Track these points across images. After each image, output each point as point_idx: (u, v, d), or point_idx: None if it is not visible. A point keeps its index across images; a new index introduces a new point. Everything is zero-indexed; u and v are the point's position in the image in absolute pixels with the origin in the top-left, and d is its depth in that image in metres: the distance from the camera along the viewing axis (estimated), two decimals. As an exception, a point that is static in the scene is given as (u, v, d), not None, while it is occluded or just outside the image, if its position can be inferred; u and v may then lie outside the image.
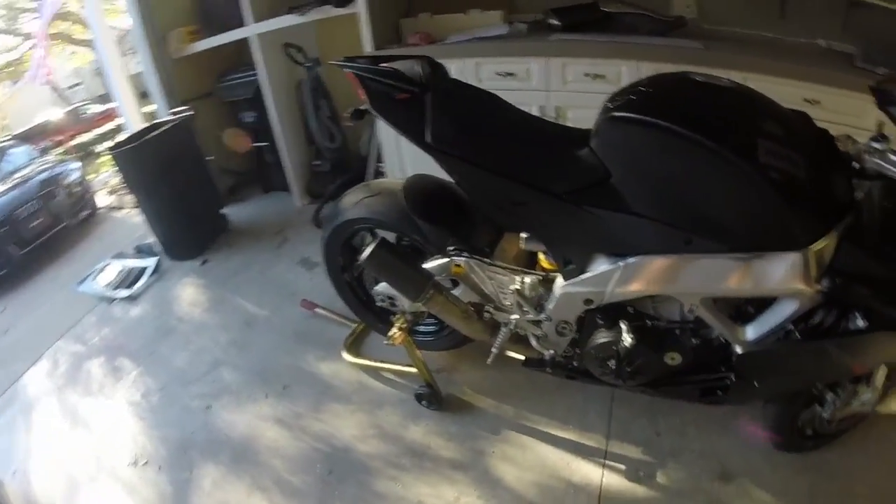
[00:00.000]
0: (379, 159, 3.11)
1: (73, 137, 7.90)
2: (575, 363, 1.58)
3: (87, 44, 9.30)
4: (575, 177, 1.25)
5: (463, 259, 1.55)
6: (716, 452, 1.62)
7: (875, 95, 1.19)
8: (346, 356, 2.08)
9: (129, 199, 3.45)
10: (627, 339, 1.32)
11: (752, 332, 1.28)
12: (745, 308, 1.32)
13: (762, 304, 1.27)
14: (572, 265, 1.36)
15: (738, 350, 1.29)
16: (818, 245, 1.11)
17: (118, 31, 5.43)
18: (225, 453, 1.82)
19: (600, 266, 1.32)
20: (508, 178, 1.30)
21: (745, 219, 1.15)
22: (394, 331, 1.72)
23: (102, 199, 4.65)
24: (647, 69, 2.23)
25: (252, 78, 3.01)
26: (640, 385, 1.48)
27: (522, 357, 1.68)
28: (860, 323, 1.16)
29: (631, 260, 1.26)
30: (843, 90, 2.09)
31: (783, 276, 1.14)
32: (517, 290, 1.49)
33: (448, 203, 1.64)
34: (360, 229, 1.86)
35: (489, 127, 1.39)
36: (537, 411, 1.82)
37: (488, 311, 1.61)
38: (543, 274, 1.51)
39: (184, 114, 2.89)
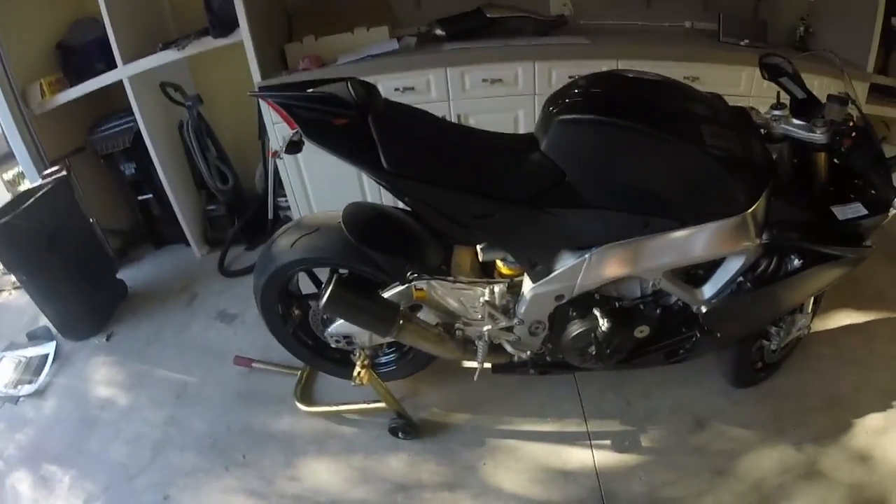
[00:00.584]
0: (276, 194, 2.99)
1: None
2: (548, 358, 1.64)
3: None
4: (533, 182, 1.31)
5: (424, 282, 1.51)
6: (684, 405, 1.79)
7: (764, 70, 1.49)
8: (302, 407, 1.93)
9: (9, 279, 2.92)
10: (604, 323, 1.42)
11: (709, 290, 1.45)
12: (696, 272, 1.49)
13: (710, 266, 1.45)
14: (539, 266, 1.41)
15: (702, 309, 1.45)
16: (755, 206, 1.28)
17: None
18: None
19: (567, 262, 1.38)
20: (471, 192, 1.31)
21: (695, 195, 1.29)
22: (357, 370, 1.64)
23: None
24: (542, 68, 2.37)
25: (129, 125, 2.69)
26: (616, 363, 1.56)
27: (489, 365, 1.69)
28: (796, 263, 1.38)
29: (595, 250, 1.34)
30: (715, 64, 2.39)
31: (732, 238, 1.32)
32: (487, 301, 1.50)
33: (392, 228, 1.60)
34: (297, 272, 1.74)
35: (439, 144, 1.38)
36: (512, 413, 1.84)
37: (459, 329, 1.59)
38: (508, 280, 1.52)
39: (57, 175, 2.51)
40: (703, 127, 1.26)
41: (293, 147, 1.36)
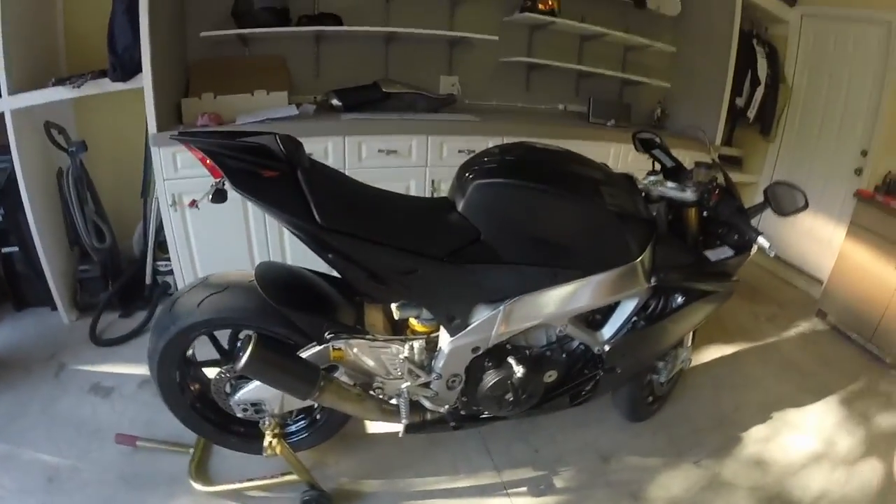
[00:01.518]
0: (157, 256, 2.82)
1: None
2: (462, 412, 1.71)
3: None
4: (452, 239, 1.41)
5: (343, 342, 1.51)
6: (588, 445, 1.97)
7: (638, 143, 1.86)
8: (199, 486, 1.76)
9: None
10: (518, 370, 1.55)
11: (608, 332, 1.66)
12: (594, 317, 1.69)
13: (606, 310, 1.67)
14: (457, 320, 1.49)
15: (605, 348, 1.64)
16: (644, 254, 1.52)
17: None
18: None
19: (483, 314, 1.48)
20: (397, 248, 1.37)
21: (596, 246, 1.49)
22: (269, 440, 1.59)
23: None
24: (434, 142, 2.59)
25: (1, 166, 2.41)
26: (527, 409, 1.69)
27: (398, 427, 1.69)
28: (679, 300, 1.66)
29: (509, 302, 1.47)
30: (587, 141, 2.81)
31: (627, 283, 1.54)
32: (407, 357, 1.55)
33: (305, 288, 1.60)
34: (199, 335, 1.63)
35: (365, 202, 1.43)
36: (425, 473, 1.86)
37: (378, 387, 1.61)
38: (425, 336, 1.59)
39: None
40: (601, 188, 1.47)
41: (219, 196, 1.33)
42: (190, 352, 1.74)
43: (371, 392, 1.62)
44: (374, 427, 2.04)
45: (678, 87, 3.38)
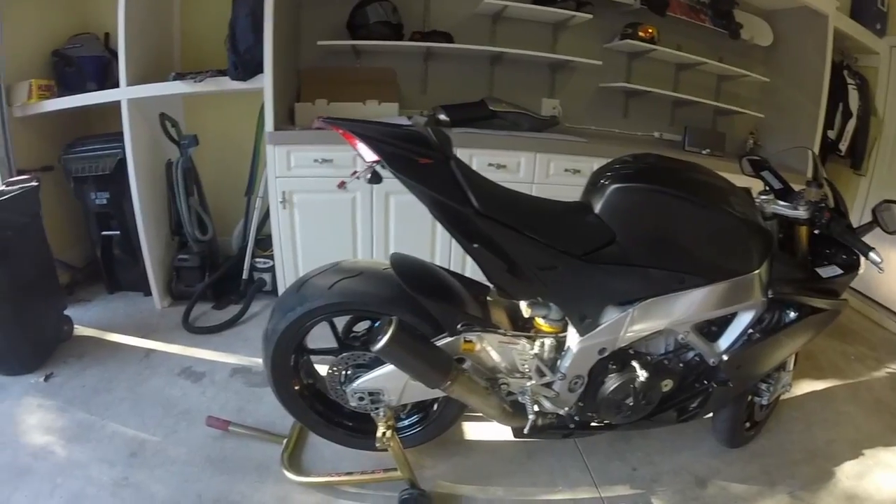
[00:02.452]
0: (256, 253, 2.87)
1: None
2: (576, 417, 1.67)
3: None
4: (589, 240, 1.43)
5: (475, 334, 1.49)
6: (684, 468, 1.90)
7: (747, 165, 1.90)
8: (292, 476, 1.69)
9: None
10: (642, 374, 1.54)
11: (724, 343, 1.64)
12: (709, 328, 1.66)
13: (721, 322, 1.64)
14: (588, 319, 1.49)
15: (722, 358, 1.61)
16: (763, 266, 1.53)
17: None
18: None
19: (612, 315, 1.49)
20: (545, 243, 1.39)
21: (722, 254, 1.50)
22: (382, 431, 1.53)
23: None
24: (542, 160, 2.58)
25: (114, 151, 2.49)
26: (637, 420, 1.65)
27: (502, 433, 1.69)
28: (792, 315, 1.65)
29: (638, 305, 1.48)
30: None
31: (746, 293, 1.54)
32: (537, 354, 1.54)
33: (437, 280, 1.60)
34: (321, 320, 1.60)
35: (512, 197, 1.45)
36: (523, 483, 1.78)
37: (505, 383, 1.57)
38: (553, 335, 1.57)
39: (26, 183, 2.22)
40: (730, 197, 1.49)
41: (376, 177, 1.37)
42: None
43: (501, 386, 1.59)
44: (471, 434, 1.99)
45: (771, 117, 3.32)
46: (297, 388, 1.70)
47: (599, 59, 2.95)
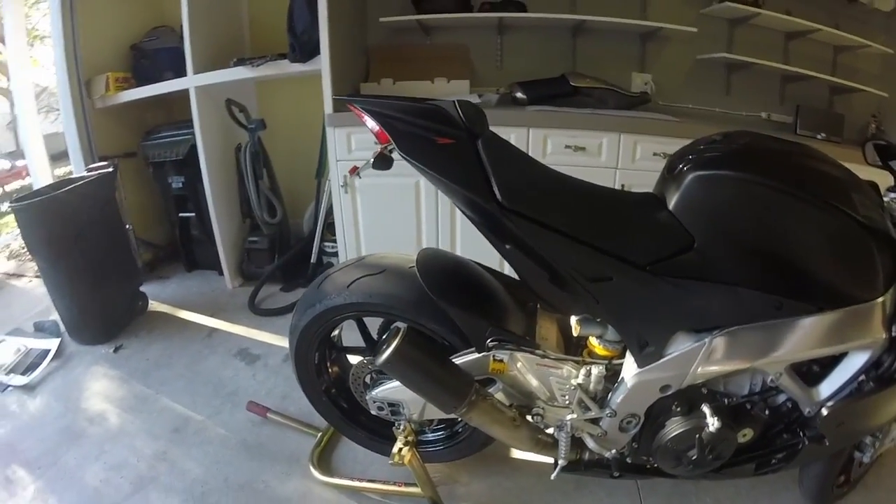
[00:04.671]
0: (324, 237, 2.84)
1: None
2: (629, 459, 1.35)
3: (3, 93, 8.12)
4: (658, 245, 1.10)
5: (507, 352, 1.26)
6: None
7: (872, 153, 1.40)
8: (317, 474, 1.63)
9: (32, 266, 2.80)
10: (713, 423, 1.17)
11: (826, 389, 1.22)
12: (811, 368, 1.25)
13: (824, 362, 1.23)
14: (650, 347, 1.17)
15: (822, 411, 1.21)
16: (888, 294, 1.11)
17: (38, 86, 4.80)
18: None
19: (683, 345, 1.15)
20: (593, 248, 1.09)
21: (840, 273, 1.10)
22: (399, 446, 1.39)
23: (1, 265, 3.77)
24: (628, 141, 2.26)
25: (185, 137, 2.62)
26: (707, 472, 1.31)
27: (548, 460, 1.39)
28: None
29: (718, 333, 1.13)
30: None
31: (863, 328, 1.13)
32: (580, 384, 1.24)
33: (472, 283, 1.37)
34: (346, 318, 1.48)
35: (557, 186, 1.16)
36: None
37: (538, 414, 1.31)
38: (606, 362, 1.27)
39: (104, 170, 2.39)
40: (852, 195, 1.08)
41: (382, 162, 1.19)
42: (336, 333, 1.63)
43: (529, 418, 1.33)
44: (521, 453, 1.77)
45: (897, 96, 2.67)
46: (323, 384, 1.62)
47: (696, 26, 2.54)
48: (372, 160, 1.20)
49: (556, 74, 2.61)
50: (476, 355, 1.27)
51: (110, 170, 2.39)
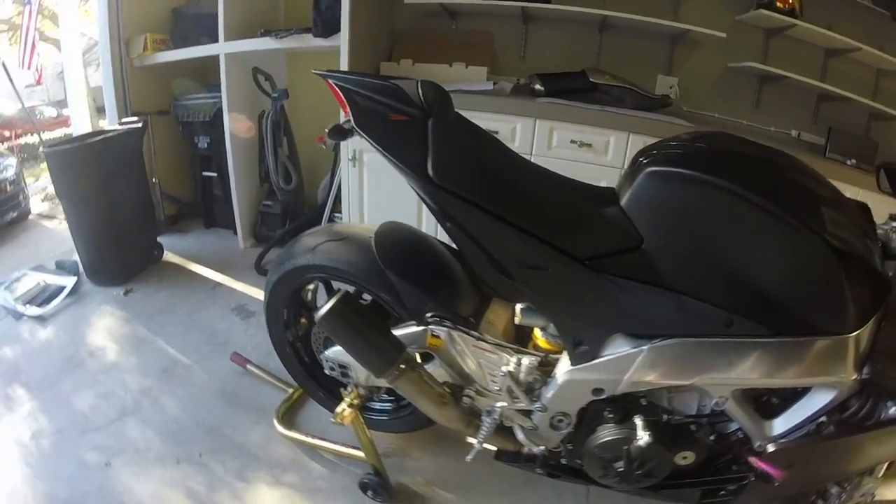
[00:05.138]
0: (335, 208, 2.92)
1: (20, 136, 7.00)
2: (563, 461, 1.35)
3: (55, 43, 8.73)
4: (602, 240, 1.08)
5: (444, 330, 1.28)
6: None
7: (884, 179, 1.30)
8: (279, 427, 1.74)
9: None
10: (643, 437, 1.13)
11: (781, 425, 1.13)
12: (769, 399, 1.18)
13: (787, 394, 1.15)
14: (584, 346, 1.15)
15: (768, 447, 1.13)
16: (862, 330, 1.01)
17: (88, 37, 5.10)
18: (120, 525, 1.44)
19: (619, 349, 1.12)
20: (525, 233, 1.09)
21: (801, 296, 1.02)
22: (343, 407, 1.44)
23: (37, 206, 4.12)
24: (637, 142, 2.21)
25: (213, 100, 2.77)
26: (641, 488, 1.27)
27: (494, 448, 1.42)
28: (893, 412, 1.04)
29: (658, 343, 1.08)
30: None
31: (828, 364, 1.03)
32: (510, 372, 1.24)
33: (426, 259, 1.42)
34: (313, 279, 1.57)
35: (504, 172, 1.17)
36: None
37: (468, 396, 1.33)
38: (542, 355, 1.27)
39: (133, 125, 2.58)
40: (825, 212, 1.01)
41: (336, 132, 1.25)
42: (309, 292, 1.71)
43: (460, 398, 1.35)
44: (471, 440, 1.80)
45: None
46: (290, 338, 1.71)
47: (729, 33, 2.44)
48: (327, 130, 1.26)
49: (577, 69, 2.56)
50: (416, 329, 1.30)
51: (139, 125, 2.57)
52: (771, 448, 1.12)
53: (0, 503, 1.52)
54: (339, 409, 1.45)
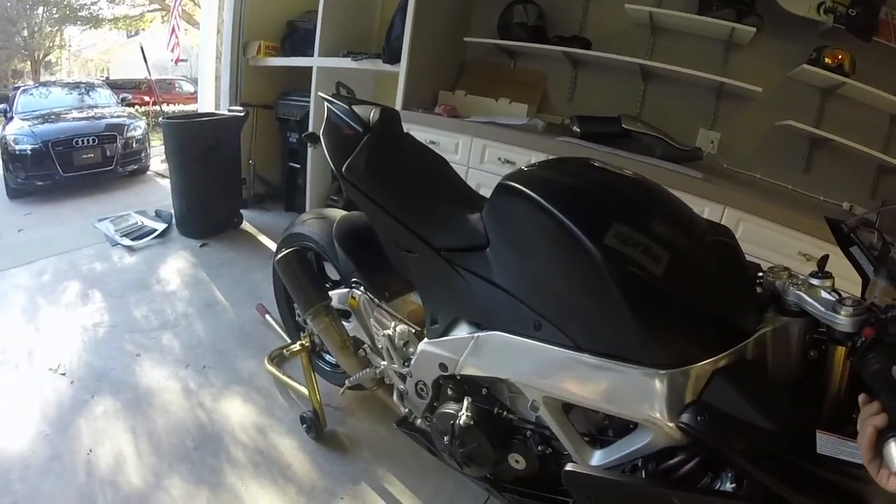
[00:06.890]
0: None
1: (156, 104, 7.38)
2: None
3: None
4: (457, 237, 1.27)
5: (359, 292, 1.61)
6: None
7: (835, 230, 1.11)
8: (267, 364, 2.13)
9: None
10: (464, 416, 1.24)
11: (601, 456, 1.08)
12: (605, 426, 1.14)
13: (622, 427, 1.08)
14: (437, 325, 1.34)
15: (576, 468, 1.09)
16: (686, 369, 0.92)
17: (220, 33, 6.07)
18: (126, 395, 1.97)
19: (460, 332, 1.29)
20: (399, 223, 1.36)
21: (591, 314, 1.03)
22: (298, 344, 1.83)
23: (155, 165, 5.25)
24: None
25: (304, 103, 3.35)
26: (478, 477, 1.36)
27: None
28: (727, 485, 0.93)
29: (484, 333, 1.21)
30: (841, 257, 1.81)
31: (636, 398, 0.97)
32: (388, 335, 1.50)
33: (368, 243, 1.65)
34: (299, 242, 1.90)
35: (404, 177, 1.44)
36: (405, 482, 1.70)
37: (364, 350, 1.66)
38: (418, 328, 1.48)
39: (238, 113, 3.25)
40: (623, 230, 0.99)
41: (311, 137, 1.67)
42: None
43: (360, 350, 1.68)
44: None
45: None
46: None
47: (781, 89, 2.37)
48: (304, 136, 1.69)
49: (617, 114, 2.63)
50: (342, 289, 1.67)
51: (242, 114, 3.23)
52: (568, 467, 1.08)
53: (56, 358, 2.13)
54: (293, 347, 1.84)
